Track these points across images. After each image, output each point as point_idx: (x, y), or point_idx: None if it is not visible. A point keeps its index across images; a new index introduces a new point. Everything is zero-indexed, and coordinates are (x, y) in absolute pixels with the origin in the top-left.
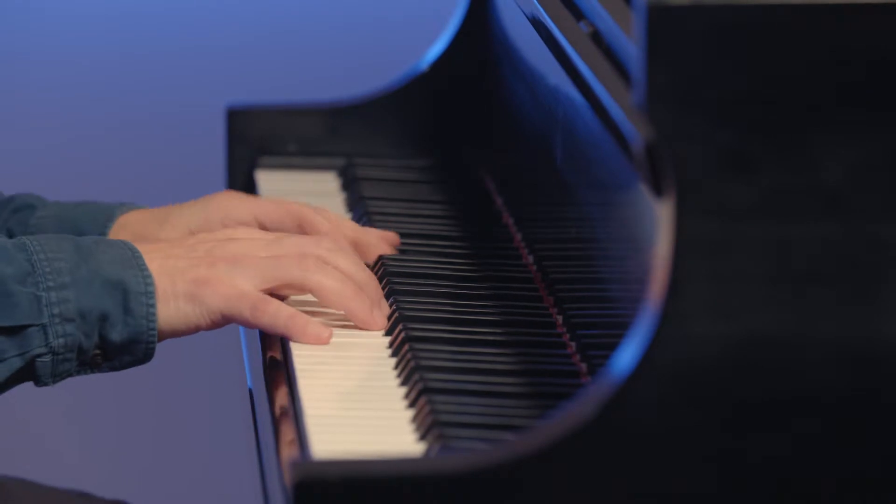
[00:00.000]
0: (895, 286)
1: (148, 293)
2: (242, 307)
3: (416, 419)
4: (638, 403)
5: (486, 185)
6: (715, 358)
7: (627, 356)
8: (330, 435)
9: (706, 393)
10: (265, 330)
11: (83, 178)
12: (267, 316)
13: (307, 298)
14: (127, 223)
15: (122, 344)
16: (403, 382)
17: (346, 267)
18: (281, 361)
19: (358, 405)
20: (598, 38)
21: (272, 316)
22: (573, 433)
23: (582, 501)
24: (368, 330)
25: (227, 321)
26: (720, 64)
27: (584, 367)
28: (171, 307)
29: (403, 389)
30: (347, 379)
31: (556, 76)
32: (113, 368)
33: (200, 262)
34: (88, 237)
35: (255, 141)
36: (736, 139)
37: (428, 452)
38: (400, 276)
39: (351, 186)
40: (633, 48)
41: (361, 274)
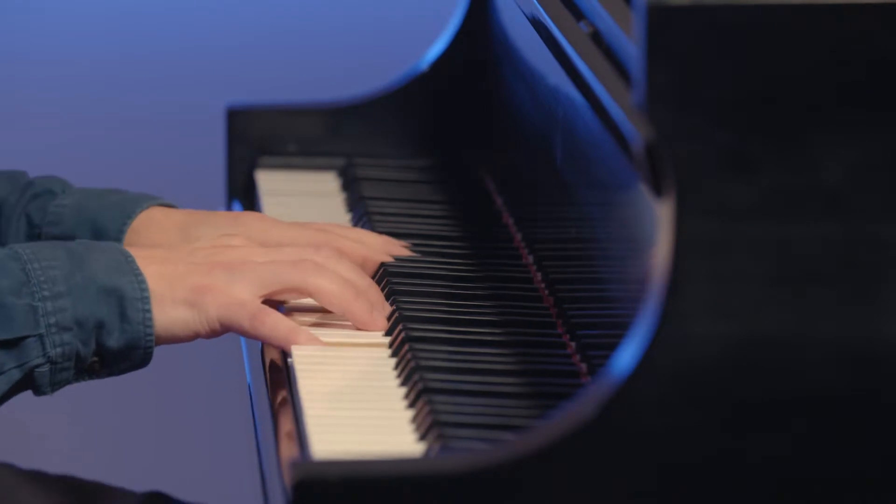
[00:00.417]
0: (895, 286)
1: (144, 298)
2: (241, 316)
3: (416, 419)
4: (638, 403)
5: (486, 185)
6: (715, 358)
7: (627, 356)
8: (330, 435)
9: (706, 393)
10: (263, 340)
11: (83, 178)
12: (265, 327)
13: (306, 302)
14: (148, 226)
15: (119, 350)
16: (403, 382)
17: (344, 272)
18: (281, 361)
19: (358, 405)
20: (598, 38)
21: (271, 328)
22: (573, 433)
23: (582, 501)
24: (369, 331)
25: (225, 330)
26: (720, 64)
27: (584, 367)
28: (168, 313)
29: (403, 389)
30: (347, 379)
31: (556, 76)
32: (111, 374)
33: (198, 268)
34: (81, 242)
35: (255, 141)
36: (736, 139)
37: (428, 452)
38: (400, 276)
39: (351, 186)
40: (633, 48)
41: (360, 279)
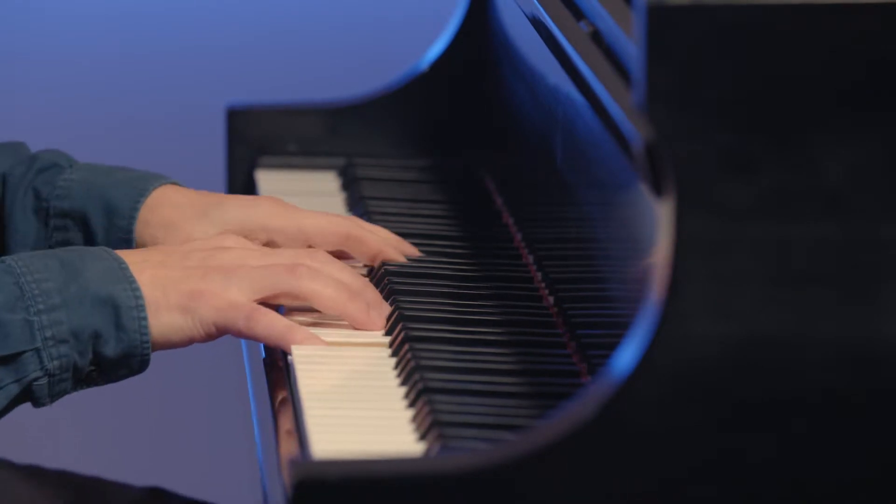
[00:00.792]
0: (895, 286)
1: (139, 307)
2: (236, 318)
3: (416, 419)
4: (638, 403)
5: (486, 185)
6: (715, 358)
7: (627, 356)
8: (330, 435)
9: (706, 393)
10: (260, 341)
11: None
12: (261, 327)
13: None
14: (162, 203)
15: (116, 359)
16: (403, 382)
17: (339, 275)
18: (281, 361)
19: (358, 405)
20: (598, 38)
21: (267, 327)
22: (573, 433)
23: (582, 501)
24: (366, 330)
25: (221, 333)
26: (720, 64)
27: (584, 367)
28: (163, 319)
29: (403, 389)
30: (347, 379)
31: (556, 76)
32: (109, 381)
33: (193, 272)
34: (72, 249)
35: (255, 141)
36: (736, 139)
37: (428, 452)
38: (400, 275)
39: (351, 186)
40: (633, 48)
41: (355, 280)
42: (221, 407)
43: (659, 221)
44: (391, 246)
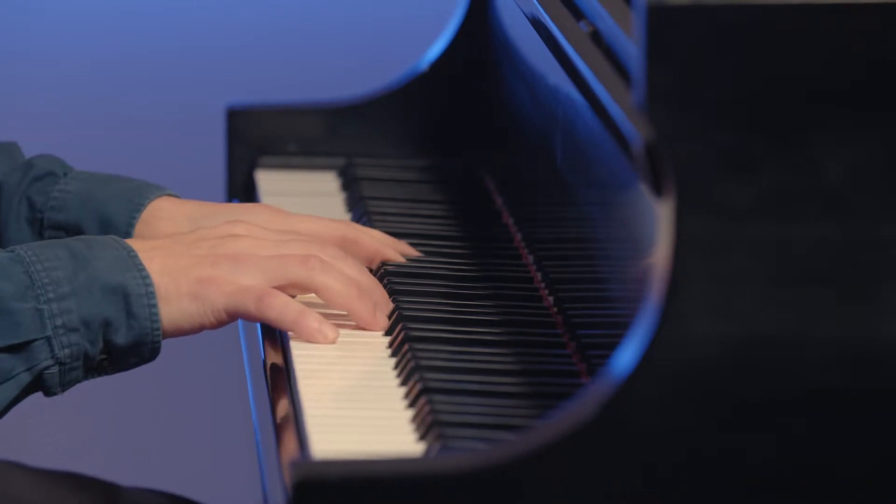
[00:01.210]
0: (895, 286)
1: (149, 294)
2: (247, 300)
3: (416, 419)
4: (638, 403)
5: (486, 185)
6: (715, 358)
7: (627, 356)
8: (330, 435)
9: (706, 393)
10: (271, 324)
11: None
12: (274, 310)
13: (306, 299)
14: (158, 216)
15: (127, 347)
16: (403, 382)
17: (349, 271)
18: (281, 361)
19: (358, 405)
20: (598, 38)
21: (279, 310)
22: (573, 433)
23: (582, 501)
24: (371, 330)
25: (232, 318)
26: (720, 64)
27: (584, 367)
28: (173, 307)
29: (403, 389)
30: (347, 379)
31: (556, 76)
32: (120, 370)
33: (203, 260)
34: (81, 239)
35: (255, 141)
36: (736, 139)
37: (428, 452)
38: (400, 275)
39: (351, 186)
40: (633, 48)
41: (365, 278)
42: (221, 407)
43: (659, 221)
44: (388, 247)
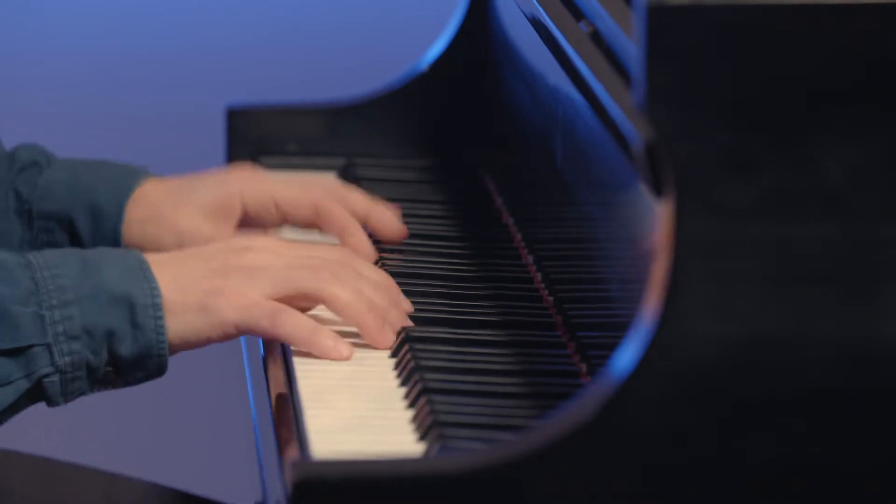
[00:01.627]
0: (895, 286)
1: (155, 305)
2: (259, 317)
3: (416, 419)
4: (638, 403)
5: (486, 185)
6: (715, 358)
7: (627, 356)
8: (330, 435)
9: (706, 393)
10: (284, 341)
11: None
12: (287, 327)
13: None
14: (145, 197)
15: (132, 359)
16: (403, 382)
17: (363, 286)
18: (280, 361)
19: (358, 405)
20: (598, 38)
21: (293, 327)
22: (573, 433)
23: (582, 501)
24: (377, 347)
25: (241, 333)
26: (720, 64)
27: (584, 367)
28: (181, 320)
29: (403, 389)
30: (347, 379)
31: (556, 76)
32: (127, 384)
33: (214, 273)
34: (97, 249)
35: (255, 141)
36: (736, 139)
37: (428, 452)
38: (400, 276)
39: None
40: (633, 48)
41: (376, 292)
42: (221, 407)
43: (659, 221)
44: (362, 222)
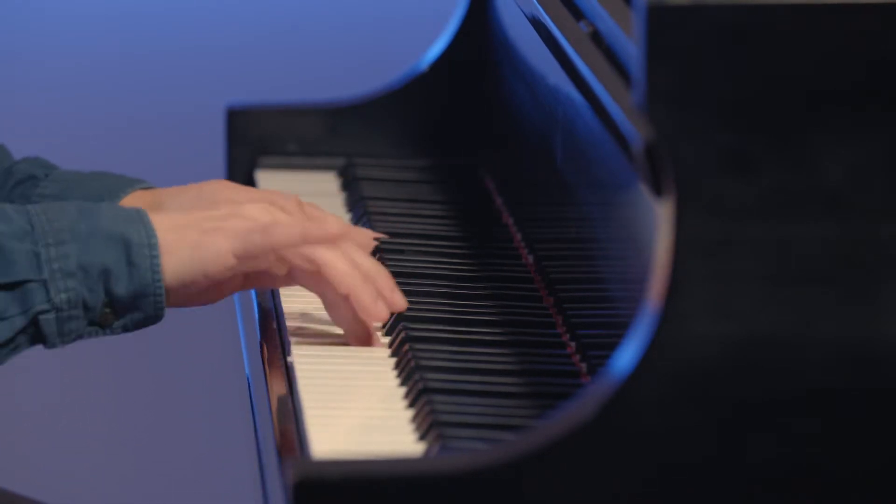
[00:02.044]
0: (895, 286)
1: (151, 245)
2: (252, 235)
3: (416, 419)
4: (638, 403)
5: (486, 185)
6: (715, 358)
7: (627, 356)
8: (330, 435)
9: (706, 393)
10: (278, 251)
11: None
12: (279, 231)
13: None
14: (130, 205)
15: (129, 298)
16: (403, 382)
17: (356, 256)
18: (280, 361)
19: (358, 405)
20: (598, 38)
21: (285, 230)
22: (573, 433)
23: (582, 501)
24: (369, 320)
25: (240, 260)
26: (720, 64)
27: (584, 367)
28: (175, 257)
29: (403, 389)
30: (347, 379)
31: (556, 76)
32: (125, 328)
33: (212, 217)
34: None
35: (255, 141)
36: (736, 139)
37: (428, 452)
38: (400, 276)
39: (351, 186)
40: (633, 48)
41: (371, 265)
42: (221, 407)
43: (659, 221)
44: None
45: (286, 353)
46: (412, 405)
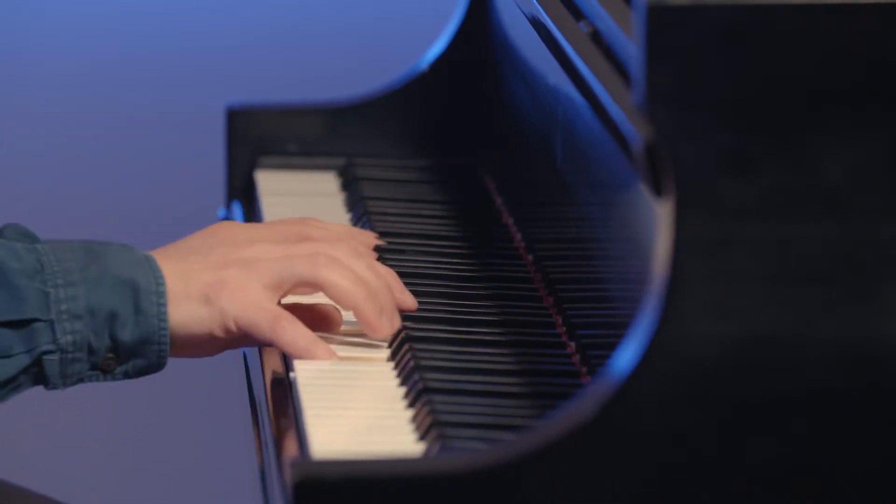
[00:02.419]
0: (895, 286)
1: (159, 292)
2: (260, 319)
3: (416, 419)
4: (638, 403)
5: (486, 185)
6: (715, 358)
7: (627, 356)
8: (330, 435)
9: (706, 393)
10: (281, 348)
11: (83, 178)
12: (287, 335)
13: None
14: None
15: (133, 345)
16: (403, 382)
17: (360, 270)
18: (280, 361)
19: (358, 405)
20: (598, 38)
21: (292, 336)
22: (573, 433)
23: (582, 501)
24: (374, 335)
25: (241, 332)
26: (720, 64)
27: (584, 367)
28: (182, 308)
29: (403, 389)
30: (347, 379)
31: (556, 76)
32: (126, 375)
33: (214, 265)
34: (101, 242)
35: (255, 141)
36: (736, 139)
37: (428, 452)
38: (400, 276)
39: (351, 186)
40: (633, 48)
41: (375, 279)
42: (221, 407)
43: (659, 221)
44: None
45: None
46: (412, 405)
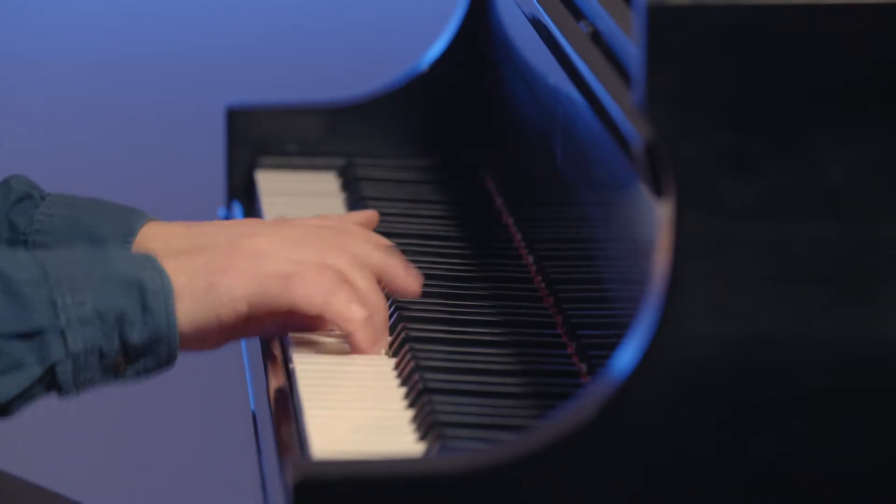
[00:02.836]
0: (895, 286)
1: (166, 291)
2: (269, 284)
3: (416, 419)
4: (638, 403)
5: (486, 185)
6: (715, 358)
7: (627, 356)
8: (330, 435)
9: (706, 393)
10: (298, 308)
11: (83, 178)
12: (301, 290)
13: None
14: (151, 238)
15: (143, 345)
16: (403, 382)
17: (362, 287)
18: (280, 361)
19: (358, 405)
20: (598, 38)
21: (308, 288)
22: (573, 433)
23: (582, 501)
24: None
25: (253, 308)
26: (720, 64)
27: (584, 367)
28: (188, 303)
29: (403, 389)
30: (347, 379)
31: (556, 76)
32: (138, 375)
33: (218, 257)
34: (101, 249)
35: (255, 141)
36: (736, 139)
37: (428, 452)
38: None
39: (351, 186)
40: (633, 48)
41: (374, 298)
42: (221, 407)
43: (659, 221)
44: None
45: (286, 352)
46: (412, 405)
